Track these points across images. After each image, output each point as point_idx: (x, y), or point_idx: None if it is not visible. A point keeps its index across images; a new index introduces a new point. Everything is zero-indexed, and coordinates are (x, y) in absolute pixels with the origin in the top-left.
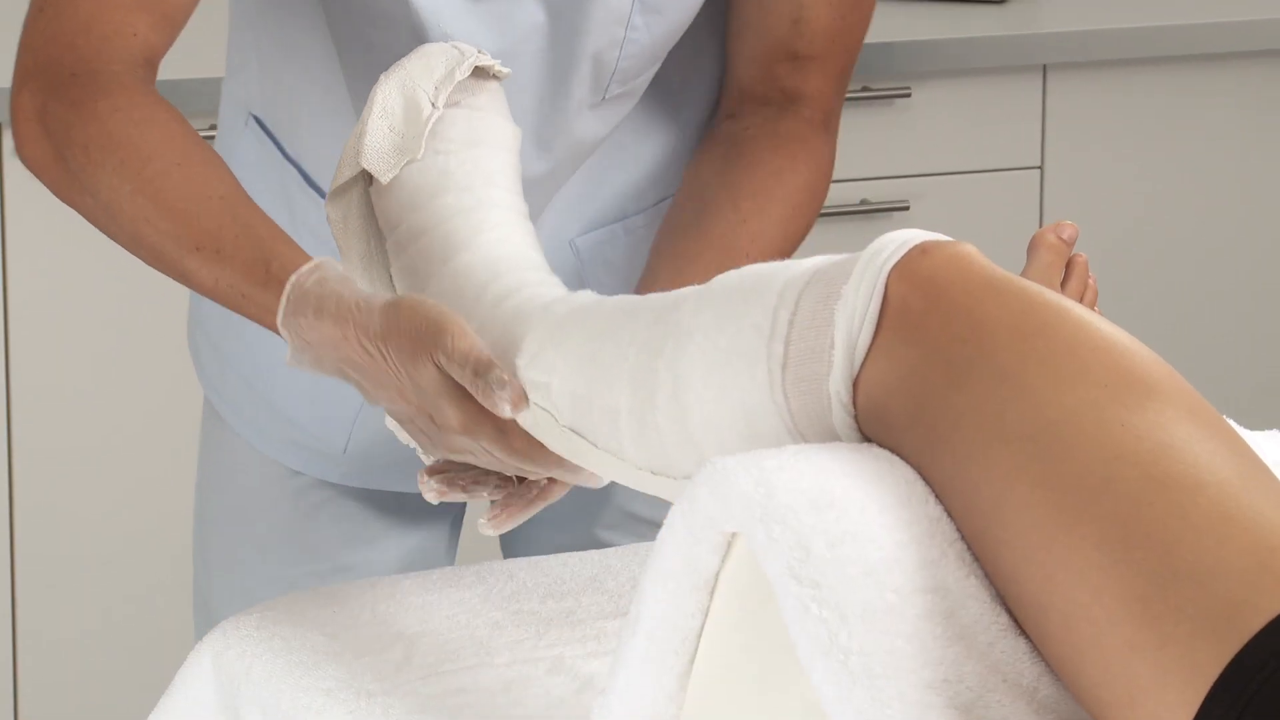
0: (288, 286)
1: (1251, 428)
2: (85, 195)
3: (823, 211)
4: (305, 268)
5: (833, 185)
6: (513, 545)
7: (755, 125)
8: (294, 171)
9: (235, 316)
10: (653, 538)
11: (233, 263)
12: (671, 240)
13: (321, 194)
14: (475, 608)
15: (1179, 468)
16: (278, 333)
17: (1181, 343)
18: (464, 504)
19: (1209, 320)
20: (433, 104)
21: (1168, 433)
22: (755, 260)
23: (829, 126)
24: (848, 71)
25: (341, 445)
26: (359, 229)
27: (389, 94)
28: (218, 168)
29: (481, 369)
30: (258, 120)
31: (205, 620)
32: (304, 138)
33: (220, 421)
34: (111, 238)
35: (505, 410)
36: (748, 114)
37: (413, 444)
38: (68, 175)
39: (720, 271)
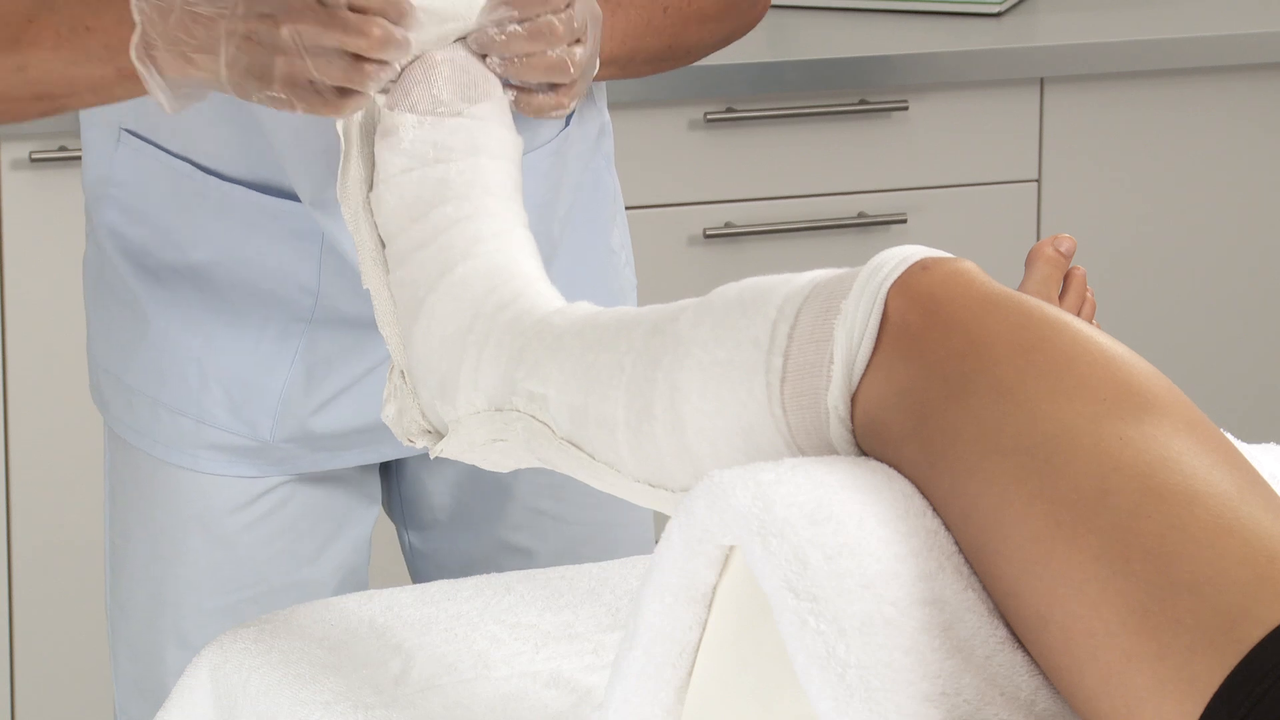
0: None
1: (1249, 441)
2: None
3: (820, 224)
4: None
5: (830, 198)
6: (416, 561)
7: None
8: (185, 165)
9: (130, 341)
10: (557, 533)
11: (67, 6)
12: None
13: (217, 176)
14: (473, 621)
15: (1176, 480)
16: (125, 52)
17: (1179, 355)
18: (378, 510)
19: (1206, 333)
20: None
21: (1165, 445)
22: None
23: None
24: None
25: (268, 430)
26: (369, 227)
27: None
28: None
29: None
30: (131, 133)
31: (139, 670)
32: (189, 133)
33: (133, 465)
34: None
35: None
36: None
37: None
38: None
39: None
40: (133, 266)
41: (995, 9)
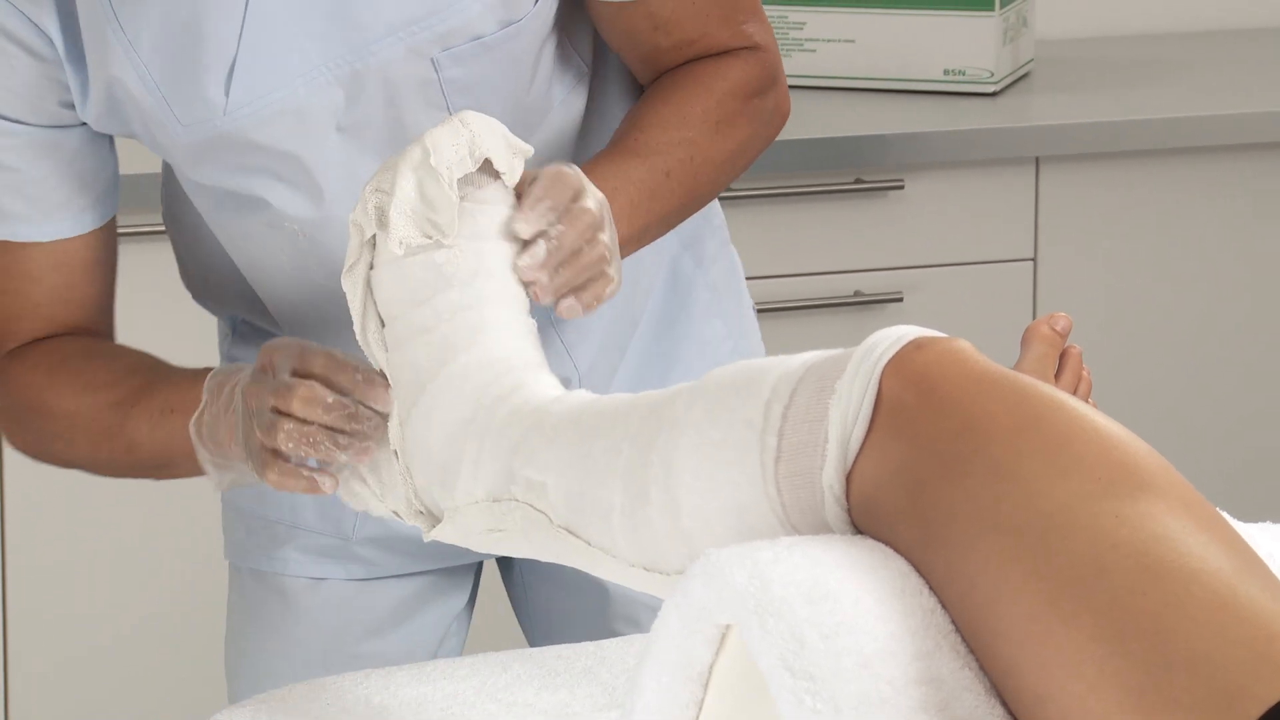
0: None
1: (1245, 519)
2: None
3: (816, 303)
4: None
5: (826, 276)
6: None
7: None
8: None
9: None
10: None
11: (162, 390)
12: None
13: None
14: (470, 700)
15: (1173, 558)
16: (198, 428)
17: (1175, 433)
18: (460, 606)
19: (1202, 411)
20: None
21: (1161, 524)
22: (656, 128)
23: (756, 57)
24: (735, 17)
25: (351, 526)
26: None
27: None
28: (109, 359)
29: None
30: (246, 323)
31: None
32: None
33: (245, 589)
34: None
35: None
36: None
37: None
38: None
39: (631, 139)
40: None
41: (991, 88)
